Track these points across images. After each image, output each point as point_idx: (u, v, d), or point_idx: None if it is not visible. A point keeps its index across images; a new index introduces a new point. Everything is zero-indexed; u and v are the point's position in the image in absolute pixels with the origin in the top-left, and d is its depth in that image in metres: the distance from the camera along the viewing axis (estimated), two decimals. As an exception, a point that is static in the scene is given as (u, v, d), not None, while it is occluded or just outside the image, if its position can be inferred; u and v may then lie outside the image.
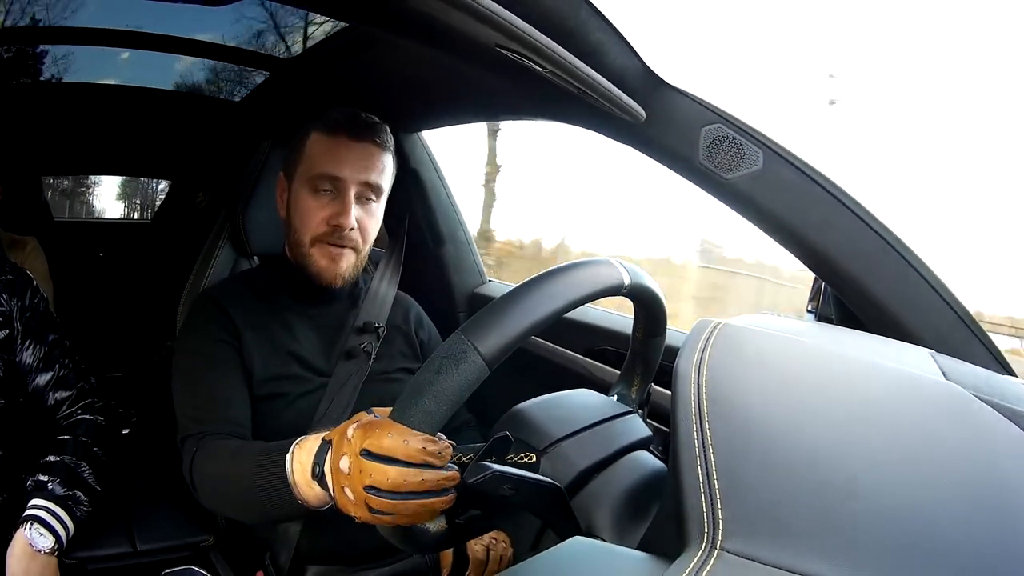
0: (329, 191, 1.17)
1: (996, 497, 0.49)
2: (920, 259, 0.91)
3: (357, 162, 1.16)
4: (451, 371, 0.62)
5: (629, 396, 0.91)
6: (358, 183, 1.17)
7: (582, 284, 0.70)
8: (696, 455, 0.50)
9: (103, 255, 3.03)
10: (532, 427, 0.75)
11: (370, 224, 1.20)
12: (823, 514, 0.46)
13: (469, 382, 0.62)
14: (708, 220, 4.66)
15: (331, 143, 1.17)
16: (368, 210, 1.19)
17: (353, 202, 1.16)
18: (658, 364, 0.92)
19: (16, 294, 1.22)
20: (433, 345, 1.40)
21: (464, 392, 0.62)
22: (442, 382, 0.62)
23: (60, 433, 1.20)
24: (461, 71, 1.28)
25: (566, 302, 0.67)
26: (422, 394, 0.63)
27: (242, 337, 1.18)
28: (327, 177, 1.16)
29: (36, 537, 1.05)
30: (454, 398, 0.62)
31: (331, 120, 1.18)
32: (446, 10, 0.67)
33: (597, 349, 1.53)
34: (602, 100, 0.88)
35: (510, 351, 0.63)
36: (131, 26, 1.65)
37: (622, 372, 0.93)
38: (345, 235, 1.17)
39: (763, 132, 0.93)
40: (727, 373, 0.58)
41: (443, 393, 0.62)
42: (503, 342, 0.62)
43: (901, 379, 0.64)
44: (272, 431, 1.16)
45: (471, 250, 1.96)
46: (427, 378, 0.63)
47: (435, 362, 0.63)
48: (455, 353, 0.62)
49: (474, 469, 0.67)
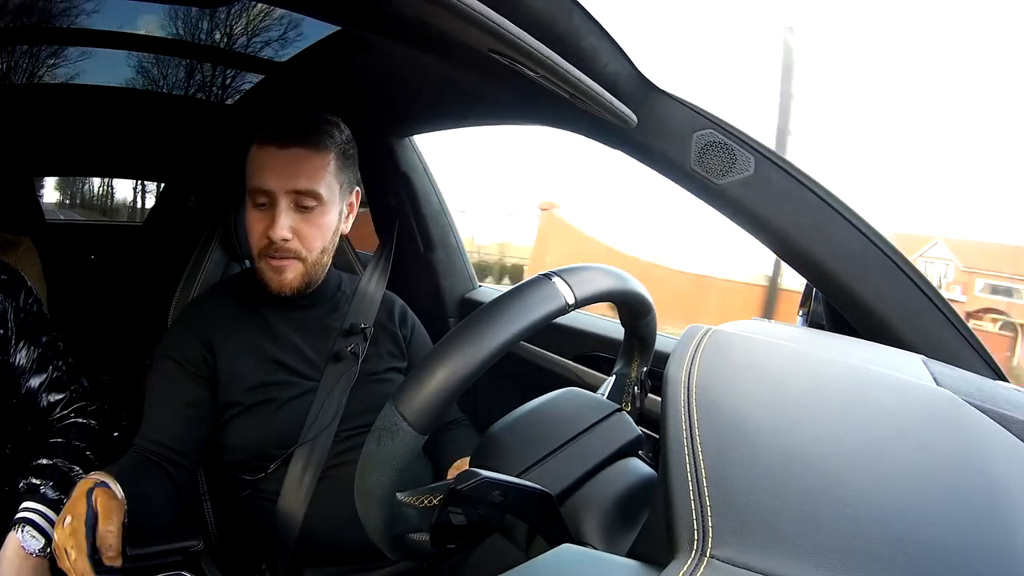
0: (264, 204, 1.17)
1: (987, 502, 0.49)
2: (911, 264, 0.91)
3: (283, 171, 1.14)
4: (387, 442, 0.62)
5: (628, 375, 0.90)
6: (287, 192, 1.15)
7: (511, 324, 0.65)
8: (686, 461, 0.49)
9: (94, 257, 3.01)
10: (503, 455, 0.74)
11: (310, 231, 1.18)
12: (814, 521, 0.45)
13: (407, 450, 0.62)
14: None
15: (261, 155, 1.16)
16: (307, 218, 1.17)
17: (284, 213, 1.15)
18: (655, 340, 0.90)
19: (10, 295, 1.21)
20: (417, 340, 1.41)
21: (405, 460, 0.62)
22: (382, 453, 0.62)
23: (53, 436, 1.19)
24: (453, 76, 1.28)
25: (495, 347, 0.63)
26: (368, 467, 0.64)
27: (220, 351, 1.20)
28: (259, 191, 1.16)
29: (28, 539, 1.04)
30: (397, 466, 0.62)
31: (265, 131, 1.17)
32: (438, 14, 0.67)
33: (587, 355, 1.53)
34: (594, 105, 0.88)
35: (442, 410, 0.62)
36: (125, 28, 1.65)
37: (621, 351, 0.92)
38: (280, 247, 1.16)
39: (754, 137, 0.93)
40: (717, 379, 0.58)
41: (386, 464, 0.62)
42: (428, 405, 0.61)
43: (892, 385, 0.64)
44: (265, 435, 1.18)
45: (462, 255, 1.96)
46: (370, 450, 0.63)
47: (374, 434, 0.63)
48: (388, 425, 0.62)
49: (464, 476, 0.66)
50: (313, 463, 1.17)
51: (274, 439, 1.18)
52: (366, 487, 0.64)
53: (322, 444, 1.18)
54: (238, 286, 1.31)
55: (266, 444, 1.18)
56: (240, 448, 1.19)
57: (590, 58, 0.82)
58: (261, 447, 1.18)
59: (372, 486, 0.64)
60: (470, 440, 1.32)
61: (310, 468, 1.16)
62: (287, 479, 1.16)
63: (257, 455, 1.18)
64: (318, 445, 1.18)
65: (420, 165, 1.87)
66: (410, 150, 1.85)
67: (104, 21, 1.62)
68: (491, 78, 1.05)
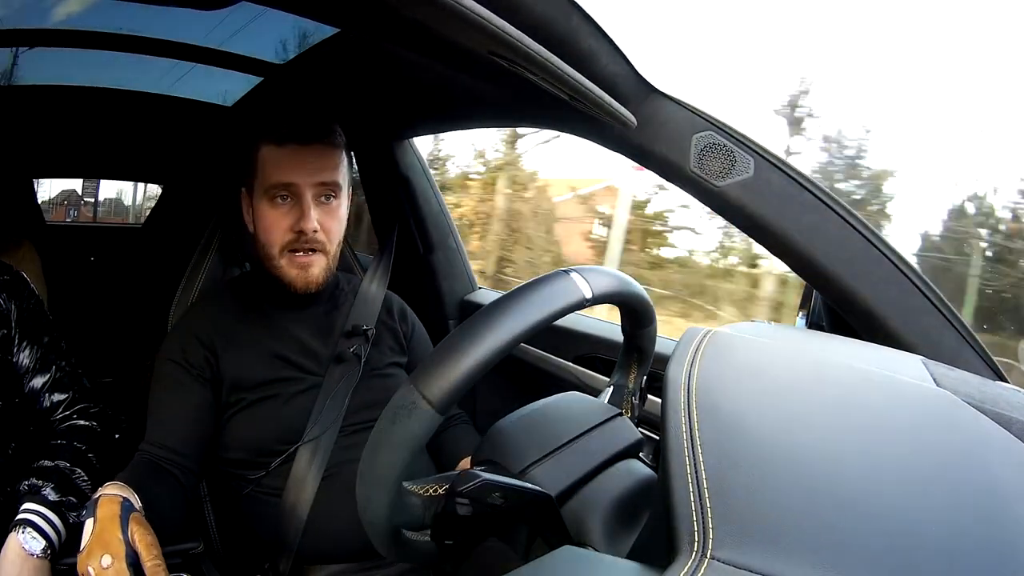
0: (287, 199, 1.18)
1: (988, 503, 0.49)
2: (912, 265, 0.91)
3: (309, 165, 1.17)
4: (404, 421, 0.61)
5: (626, 385, 0.90)
6: (313, 185, 1.17)
7: (533, 312, 0.66)
8: (686, 463, 0.49)
9: (94, 259, 3.01)
10: (509, 450, 0.74)
11: (332, 224, 1.21)
12: (814, 522, 0.45)
13: (423, 430, 0.61)
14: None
15: (282, 152, 1.17)
16: (328, 210, 1.20)
17: (312, 205, 1.17)
18: (653, 351, 0.90)
19: (13, 295, 1.21)
20: (417, 335, 1.43)
21: (420, 440, 0.62)
22: (397, 432, 0.62)
23: (55, 438, 1.19)
24: (453, 78, 1.28)
25: (517, 333, 0.64)
26: (380, 446, 0.63)
27: (222, 353, 1.21)
28: (282, 185, 1.17)
29: (29, 541, 1.04)
30: (411, 447, 0.62)
31: (279, 130, 1.18)
32: (439, 18, 0.67)
33: (587, 356, 1.54)
34: (593, 107, 0.88)
35: (461, 393, 0.62)
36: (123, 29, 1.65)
37: (618, 362, 0.92)
38: (310, 239, 1.18)
39: (754, 139, 0.93)
40: (717, 381, 0.58)
41: (400, 444, 0.62)
42: (450, 386, 0.61)
43: (892, 386, 0.64)
44: (269, 430, 1.19)
45: (461, 257, 1.96)
46: (383, 428, 0.62)
47: (389, 413, 0.62)
48: (405, 404, 0.61)
49: (464, 477, 0.66)
50: (318, 459, 1.17)
51: (278, 435, 1.18)
52: (374, 469, 0.64)
53: (327, 440, 1.19)
54: (239, 288, 1.32)
55: (270, 440, 1.18)
56: (243, 444, 1.20)
57: (590, 60, 0.82)
58: (265, 443, 1.18)
59: (381, 468, 0.63)
60: (472, 437, 1.33)
61: (315, 464, 1.17)
62: (292, 475, 1.17)
63: (260, 451, 1.18)
64: (323, 441, 1.18)
65: (420, 167, 1.87)
66: (410, 152, 1.86)
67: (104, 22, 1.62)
68: (491, 80, 1.05)
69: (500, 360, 0.63)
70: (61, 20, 1.60)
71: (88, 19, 1.62)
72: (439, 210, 1.89)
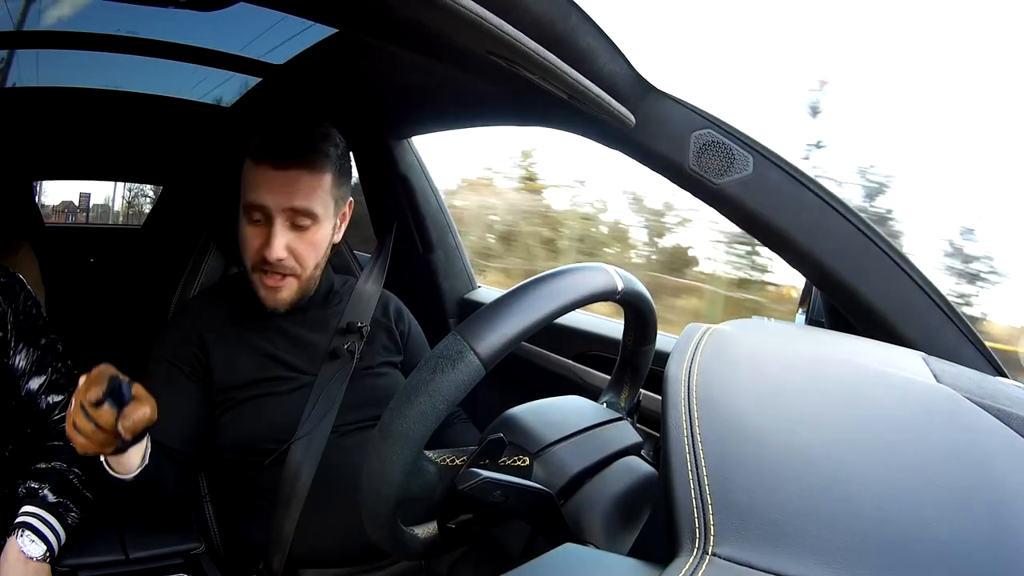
0: (259, 220, 1.17)
1: (989, 499, 0.49)
2: (911, 262, 0.91)
3: (280, 189, 1.14)
4: (447, 371, 0.61)
5: (618, 404, 0.91)
6: (283, 210, 1.15)
7: (577, 287, 0.69)
8: (687, 460, 0.49)
9: (93, 261, 3.01)
10: (525, 431, 0.75)
11: (305, 249, 1.19)
12: (815, 518, 0.45)
13: (465, 382, 0.61)
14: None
15: (256, 171, 1.16)
16: (301, 235, 1.18)
17: (281, 231, 1.15)
18: (647, 372, 0.91)
19: (10, 297, 1.21)
20: (414, 335, 1.42)
21: (460, 392, 0.61)
22: (438, 382, 0.61)
23: (52, 439, 1.19)
24: (451, 77, 1.28)
25: (562, 304, 0.67)
26: (417, 394, 0.61)
27: (213, 351, 1.21)
28: (255, 206, 1.16)
29: (28, 544, 1.04)
30: (450, 398, 0.61)
31: (258, 147, 1.16)
32: (436, 16, 0.67)
33: (587, 354, 1.54)
34: (592, 106, 0.88)
35: (507, 351, 0.62)
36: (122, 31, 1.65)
37: (611, 380, 0.93)
38: (275, 265, 1.17)
39: (753, 136, 0.93)
40: (717, 377, 0.58)
41: (438, 393, 0.61)
42: (500, 342, 0.62)
43: (893, 382, 0.64)
44: (260, 429, 1.19)
45: (461, 256, 1.96)
46: (423, 378, 0.61)
47: (431, 362, 0.62)
48: (451, 353, 0.61)
49: (465, 476, 0.66)
50: (309, 457, 1.16)
51: (269, 433, 1.18)
52: (403, 420, 0.61)
53: (318, 438, 1.18)
54: (233, 287, 1.32)
55: (260, 439, 1.18)
56: (236, 443, 1.20)
57: (588, 59, 0.82)
58: (257, 441, 1.18)
59: (412, 420, 0.61)
60: (474, 436, 1.32)
61: (306, 462, 1.16)
62: (284, 474, 1.16)
63: (252, 450, 1.18)
64: (314, 439, 1.18)
65: (419, 166, 1.87)
66: (409, 151, 1.86)
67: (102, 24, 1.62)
68: (489, 79, 1.05)
69: (543, 327, 0.65)
70: (59, 22, 1.60)
71: (87, 21, 1.61)
72: (438, 209, 1.89)
